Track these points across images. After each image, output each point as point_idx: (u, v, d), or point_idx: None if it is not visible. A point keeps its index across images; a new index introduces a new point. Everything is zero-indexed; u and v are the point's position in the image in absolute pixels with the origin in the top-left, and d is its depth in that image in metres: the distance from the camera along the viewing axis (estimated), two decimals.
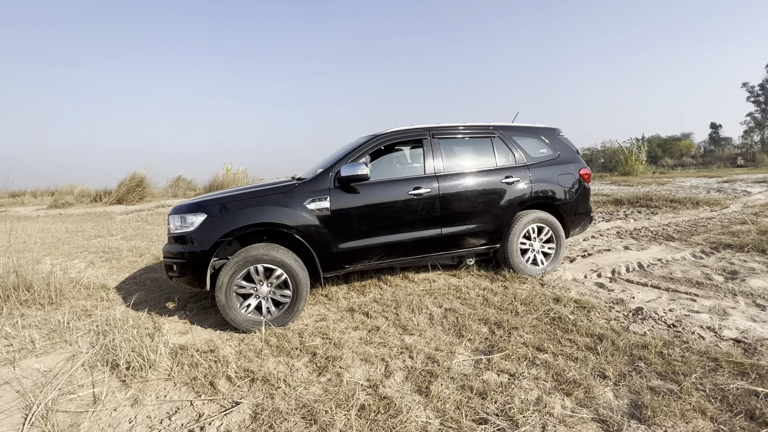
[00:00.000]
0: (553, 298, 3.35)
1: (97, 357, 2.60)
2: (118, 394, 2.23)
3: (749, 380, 2.05)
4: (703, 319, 2.85)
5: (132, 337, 2.67)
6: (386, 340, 2.76)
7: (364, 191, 3.43)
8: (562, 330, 2.77)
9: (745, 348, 2.42)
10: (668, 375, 2.16)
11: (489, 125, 4.16)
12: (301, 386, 2.23)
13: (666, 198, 8.90)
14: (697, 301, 3.22)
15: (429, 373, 2.31)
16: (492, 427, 1.82)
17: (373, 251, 3.48)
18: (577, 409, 1.93)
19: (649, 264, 4.34)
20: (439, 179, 3.70)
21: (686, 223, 6.62)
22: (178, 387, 2.29)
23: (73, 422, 2.00)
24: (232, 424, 1.94)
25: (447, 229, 3.71)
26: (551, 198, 4.13)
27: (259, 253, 3.03)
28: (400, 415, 1.90)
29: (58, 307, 3.59)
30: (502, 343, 2.62)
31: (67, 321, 3.17)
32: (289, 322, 3.11)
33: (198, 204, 3.18)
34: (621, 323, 2.86)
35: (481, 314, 3.11)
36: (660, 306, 3.14)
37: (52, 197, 18.17)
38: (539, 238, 4.14)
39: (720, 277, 3.77)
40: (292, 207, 3.21)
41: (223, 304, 2.97)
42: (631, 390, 2.05)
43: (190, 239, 3.05)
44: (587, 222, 4.45)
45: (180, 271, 3.08)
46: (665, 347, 2.45)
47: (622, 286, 3.70)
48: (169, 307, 3.76)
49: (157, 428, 1.95)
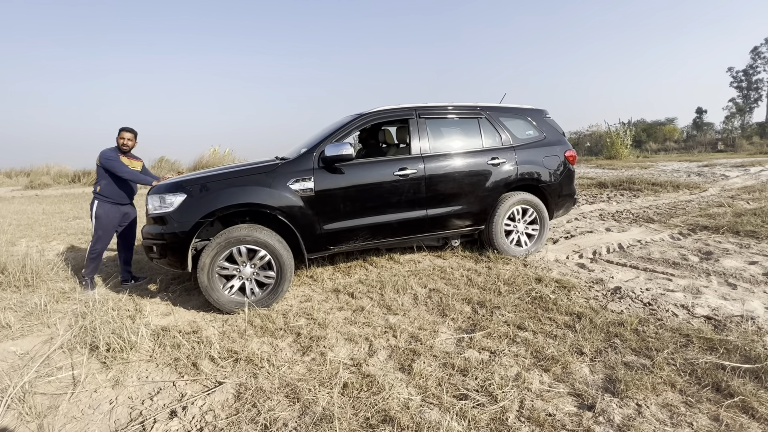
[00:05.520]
0: (535, 279, 3.41)
1: (76, 339, 2.55)
2: (99, 375, 2.21)
3: (717, 355, 2.14)
4: (677, 298, 2.94)
5: (112, 319, 2.63)
6: (370, 320, 2.78)
7: (349, 171, 3.38)
8: (543, 309, 2.83)
9: (715, 325, 2.51)
10: (642, 351, 2.24)
11: (476, 106, 4.12)
12: (285, 366, 2.24)
13: (648, 181, 9.07)
14: (673, 281, 3.33)
15: (412, 351, 2.34)
16: (472, 402, 1.86)
17: (359, 232, 3.46)
18: (554, 384, 1.99)
19: (629, 245, 4.44)
20: (425, 160, 3.67)
21: (666, 205, 6.77)
22: (161, 368, 2.28)
23: (51, 404, 1.97)
24: (216, 403, 1.95)
25: (433, 211, 3.71)
26: (536, 180, 4.15)
27: (241, 234, 2.99)
28: (383, 393, 1.93)
29: (34, 289, 3.50)
30: (484, 322, 2.67)
31: (44, 303, 3.10)
32: (274, 303, 3.10)
33: (177, 184, 3.09)
34: (599, 302, 2.94)
35: (464, 294, 3.15)
36: (637, 285, 3.23)
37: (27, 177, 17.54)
38: (523, 220, 4.18)
39: (695, 258, 3.89)
40: (275, 187, 3.15)
41: (206, 286, 2.93)
42: (607, 365, 2.12)
43: (170, 220, 2.98)
44: (571, 204, 4.51)
45: (160, 252, 3.02)
46: (640, 324, 2.54)
47: (602, 267, 3.79)
48: (151, 289, 3.70)
49: (139, 409, 1.94)
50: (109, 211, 3.61)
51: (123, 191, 3.67)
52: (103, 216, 3.58)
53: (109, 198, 3.60)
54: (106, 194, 3.59)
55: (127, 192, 3.71)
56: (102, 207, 3.59)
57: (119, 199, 3.65)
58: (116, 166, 3.54)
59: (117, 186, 3.63)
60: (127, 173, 3.56)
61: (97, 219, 3.60)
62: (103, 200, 3.59)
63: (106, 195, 3.59)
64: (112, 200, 3.62)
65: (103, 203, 3.59)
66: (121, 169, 3.55)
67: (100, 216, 3.58)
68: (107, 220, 3.60)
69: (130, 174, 3.57)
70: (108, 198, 3.60)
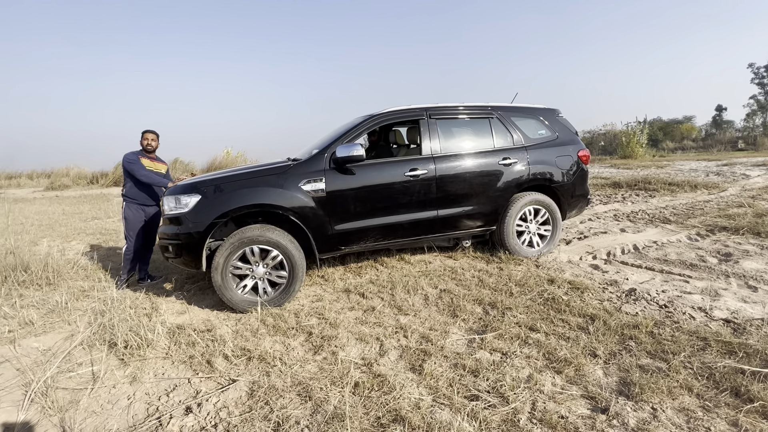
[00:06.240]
0: (548, 280, 3.38)
1: (96, 336, 2.63)
2: (117, 372, 2.27)
3: (736, 359, 2.09)
4: (694, 300, 2.88)
5: (129, 317, 2.69)
6: (381, 320, 2.79)
7: (360, 172, 3.40)
8: (556, 310, 2.80)
9: (734, 328, 2.45)
10: (658, 354, 2.20)
11: (487, 106, 4.09)
12: (297, 364, 2.26)
13: (664, 181, 8.87)
14: (690, 283, 3.25)
15: (423, 351, 2.34)
16: (483, 403, 1.85)
17: (369, 233, 3.48)
18: (566, 386, 1.97)
19: (644, 246, 4.36)
20: (436, 161, 3.67)
21: (683, 206, 6.62)
22: (176, 365, 2.33)
23: (72, 399, 2.04)
24: (229, 400, 1.98)
25: (443, 211, 3.71)
26: (549, 180, 4.11)
27: (254, 234, 3.03)
28: (394, 392, 1.94)
29: (56, 287, 3.61)
30: (495, 323, 2.66)
31: (65, 301, 3.20)
32: (286, 302, 3.14)
33: (192, 185, 3.15)
34: (614, 304, 2.89)
35: (475, 295, 3.13)
36: (653, 287, 3.17)
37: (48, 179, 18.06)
38: (536, 220, 4.14)
39: (714, 259, 3.80)
40: (287, 188, 3.18)
41: (220, 285, 2.99)
42: (621, 368, 2.09)
43: (185, 220, 3.04)
44: (584, 204, 4.45)
45: (176, 252, 3.09)
46: (656, 327, 2.49)
47: (616, 268, 3.72)
48: (167, 288, 3.78)
49: (156, 404, 1.99)
50: (136, 212, 3.75)
51: (146, 193, 3.79)
52: (130, 217, 3.73)
53: (135, 199, 3.74)
54: (131, 196, 3.73)
55: (151, 194, 3.82)
56: (129, 208, 3.74)
57: (144, 201, 3.78)
58: (135, 169, 3.66)
59: (140, 188, 3.75)
60: (144, 176, 3.66)
61: (125, 220, 3.76)
62: (129, 202, 3.74)
63: (131, 197, 3.73)
64: (138, 201, 3.75)
65: (130, 204, 3.74)
66: (139, 172, 3.65)
67: (128, 217, 3.74)
68: (134, 220, 3.74)
69: (146, 177, 3.67)
70: (134, 199, 3.73)
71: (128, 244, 3.76)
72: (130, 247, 3.75)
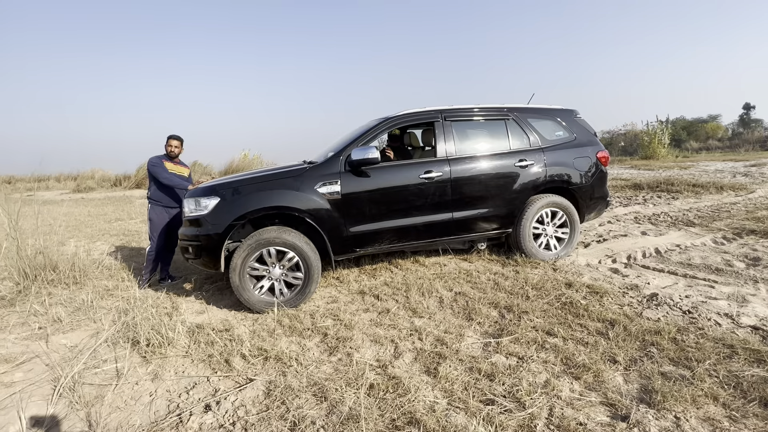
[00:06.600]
0: (565, 283, 3.32)
1: (119, 334, 2.71)
2: (139, 369, 2.34)
3: (766, 368, 2.01)
4: (720, 306, 2.78)
5: (151, 316, 2.77)
6: (396, 322, 2.80)
7: (374, 175, 3.42)
8: (573, 315, 2.75)
9: (763, 335, 2.36)
10: (681, 361, 2.14)
11: (503, 107, 4.06)
12: (313, 365, 2.29)
13: (688, 182, 8.60)
14: (716, 288, 3.14)
15: (438, 354, 2.34)
16: (499, 408, 1.84)
17: (384, 235, 3.49)
18: (585, 392, 1.93)
19: (666, 250, 4.23)
20: (451, 163, 3.66)
21: (708, 208, 6.40)
22: (196, 363, 2.38)
23: (98, 394, 2.11)
24: (247, 399, 2.02)
25: (458, 214, 3.69)
26: (566, 182, 4.04)
27: (271, 236, 3.08)
28: (408, 395, 1.94)
29: (82, 286, 3.75)
30: (511, 326, 2.63)
31: (90, 300, 3.32)
32: (301, 303, 3.18)
33: (212, 188, 3.23)
34: (634, 309, 2.82)
35: (491, 298, 3.11)
36: (676, 292, 3.08)
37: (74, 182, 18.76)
38: (553, 223, 4.07)
39: (741, 264, 3.66)
40: (303, 191, 3.23)
41: (237, 286, 3.05)
42: (642, 375, 2.04)
43: (205, 222, 3.11)
44: (603, 206, 4.35)
45: (195, 253, 3.16)
46: (679, 333, 2.42)
47: (637, 272, 3.63)
48: (187, 288, 3.88)
49: (176, 402, 2.04)
50: (160, 214, 3.87)
51: (170, 195, 3.91)
52: (155, 219, 3.86)
53: (159, 201, 3.87)
54: (156, 198, 3.87)
55: (175, 196, 3.94)
56: (154, 210, 3.87)
57: (168, 203, 3.91)
58: (158, 172, 3.78)
59: (164, 190, 3.87)
60: (166, 178, 3.78)
61: (150, 221, 3.89)
62: (154, 204, 3.88)
63: (156, 199, 3.87)
64: (162, 204, 3.88)
65: (155, 206, 3.88)
66: (161, 175, 3.77)
67: (153, 219, 3.87)
68: (158, 222, 3.86)
69: (168, 179, 3.79)
70: (158, 201, 3.87)
71: (151, 245, 3.87)
72: (153, 247, 3.86)
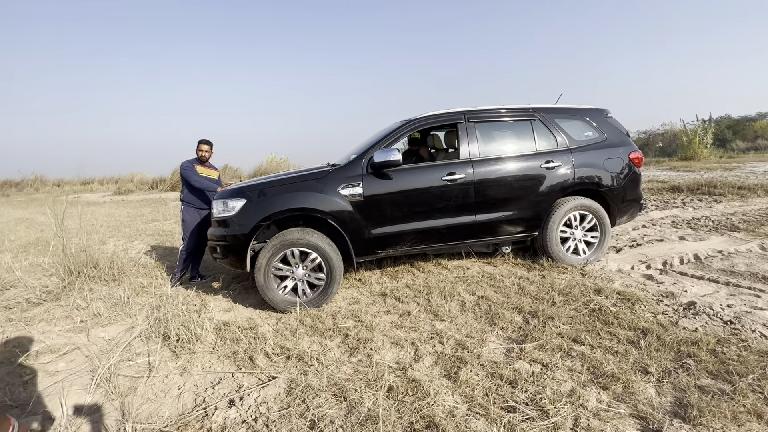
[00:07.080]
0: (594, 289, 3.19)
1: (152, 329, 2.85)
2: (170, 363, 2.44)
3: None
4: (766, 317, 2.59)
5: (181, 313, 2.89)
6: (417, 325, 2.78)
7: (397, 177, 3.43)
8: (603, 322, 2.64)
9: None
10: (720, 374, 2.00)
11: (529, 107, 3.96)
12: (333, 365, 2.31)
13: (733, 185, 8.08)
14: (762, 297, 2.93)
15: (458, 359, 2.30)
16: (521, 415, 1.79)
17: (406, 237, 3.48)
18: (613, 403, 1.85)
19: (707, 256, 3.99)
20: (474, 165, 3.61)
21: (755, 212, 5.98)
22: (221, 360, 2.47)
23: (131, 385, 2.22)
24: (269, 396, 2.07)
25: (482, 216, 3.63)
26: (596, 184, 3.89)
27: (294, 237, 3.15)
28: (428, 398, 1.92)
29: (119, 283, 3.96)
30: (536, 332, 2.55)
31: (127, 296, 3.50)
32: (323, 304, 3.22)
33: (239, 190, 3.34)
34: (669, 317, 2.67)
35: (515, 303, 3.03)
36: (717, 301, 2.89)
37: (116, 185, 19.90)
38: (581, 227, 3.93)
39: None
40: (326, 193, 3.28)
41: (262, 285, 3.13)
42: (676, 388, 1.93)
43: (232, 223, 3.22)
44: (636, 210, 4.16)
45: (223, 252, 3.28)
46: (719, 345, 2.27)
47: (673, 279, 3.44)
48: (215, 287, 4.02)
49: (202, 396, 2.12)
50: (192, 215, 4.06)
51: (201, 197, 4.10)
52: (187, 220, 4.06)
53: (192, 203, 4.06)
54: (188, 200, 4.07)
55: (205, 198, 4.12)
56: (186, 212, 4.06)
57: (200, 205, 4.10)
58: (189, 175, 3.97)
59: (195, 193, 4.06)
60: (197, 181, 3.95)
61: (183, 222, 4.10)
62: (187, 205, 4.08)
63: (188, 201, 4.06)
64: (194, 205, 4.07)
65: (187, 208, 4.07)
66: (192, 178, 3.96)
67: (185, 220, 4.06)
68: (191, 223, 4.06)
69: (198, 182, 3.96)
70: (190, 203, 4.06)
71: (184, 245, 4.05)
72: (185, 247, 4.04)
